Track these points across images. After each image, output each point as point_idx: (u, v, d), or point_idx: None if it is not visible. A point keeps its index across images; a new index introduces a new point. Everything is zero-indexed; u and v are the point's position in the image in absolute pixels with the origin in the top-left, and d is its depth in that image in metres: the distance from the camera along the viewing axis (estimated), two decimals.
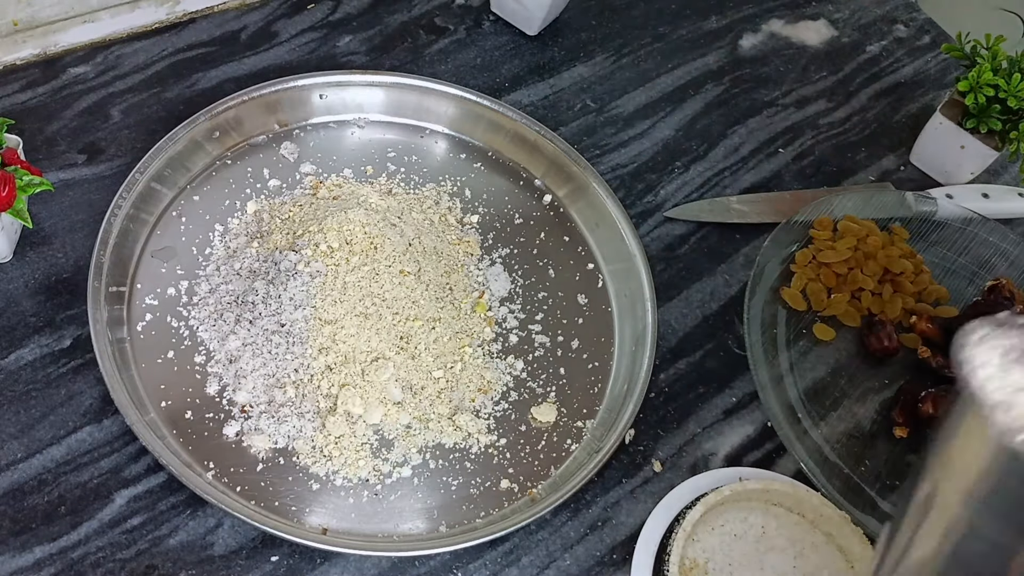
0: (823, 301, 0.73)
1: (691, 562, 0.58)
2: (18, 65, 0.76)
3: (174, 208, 0.70)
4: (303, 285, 0.62)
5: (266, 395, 0.61)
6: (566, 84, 0.85)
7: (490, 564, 0.59)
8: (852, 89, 0.92)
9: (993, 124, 0.79)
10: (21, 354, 0.62)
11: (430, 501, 0.60)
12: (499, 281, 0.71)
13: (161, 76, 0.78)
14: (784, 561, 0.59)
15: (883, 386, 0.71)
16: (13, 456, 0.58)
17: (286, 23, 0.84)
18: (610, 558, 0.60)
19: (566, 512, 0.62)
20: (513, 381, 0.66)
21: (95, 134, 0.73)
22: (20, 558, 0.55)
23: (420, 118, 0.78)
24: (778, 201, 0.80)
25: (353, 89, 0.77)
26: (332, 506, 0.59)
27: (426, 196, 0.74)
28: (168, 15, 0.82)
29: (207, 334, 0.64)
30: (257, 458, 0.60)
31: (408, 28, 0.86)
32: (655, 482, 0.64)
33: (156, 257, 0.67)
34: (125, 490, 0.58)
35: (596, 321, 0.71)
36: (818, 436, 0.67)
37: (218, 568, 0.56)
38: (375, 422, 0.62)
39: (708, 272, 0.75)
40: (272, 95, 0.74)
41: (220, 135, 0.73)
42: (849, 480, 0.65)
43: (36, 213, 0.67)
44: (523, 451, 0.63)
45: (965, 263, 0.78)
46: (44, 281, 0.65)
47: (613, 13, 0.93)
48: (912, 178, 0.86)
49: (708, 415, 0.68)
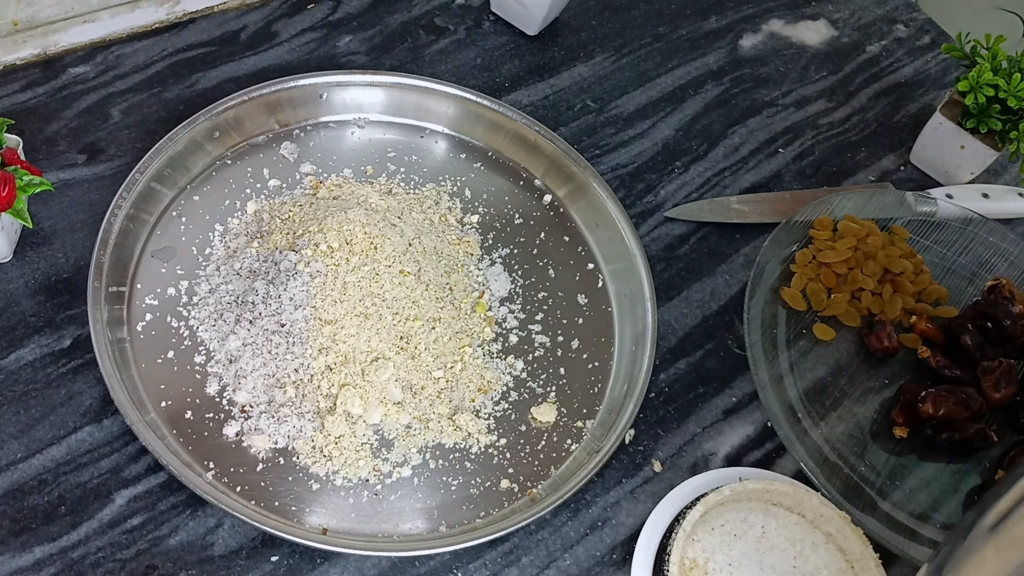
0: (823, 301, 0.73)
1: (691, 562, 0.58)
2: (18, 65, 0.76)
3: (174, 208, 0.70)
4: (303, 285, 0.62)
5: (266, 395, 0.61)
6: (566, 84, 0.85)
7: (490, 564, 0.59)
8: (852, 89, 0.92)
9: (993, 124, 0.79)
10: (21, 354, 0.62)
11: (430, 501, 0.60)
12: (499, 281, 0.71)
13: (161, 76, 0.78)
14: (784, 561, 0.59)
15: (883, 386, 0.71)
16: (13, 456, 0.58)
17: (286, 23, 0.84)
18: (610, 558, 0.60)
19: (566, 512, 0.62)
20: (513, 381, 0.66)
21: (95, 134, 0.73)
22: (20, 558, 0.55)
23: (420, 118, 0.78)
24: (778, 201, 0.80)
25: (353, 89, 0.77)
26: (332, 506, 0.59)
27: (426, 196, 0.74)
28: (168, 15, 0.82)
29: (207, 334, 0.64)
30: (257, 458, 0.60)
31: (408, 28, 0.86)
32: (655, 482, 0.64)
33: (156, 257, 0.67)
34: (125, 490, 0.58)
35: (596, 321, 0.71)
36: (818, 436, 0.67)
37: (218, 568, 0.56)
38: (375, 422, 0.62)
39: (708, 272, 0.75)
40: (272, 95, 0.74)
41: (220, 135, 0.73)
42: (849, 480, 0.65)
43: (36, 213, 0.67)
44: (523, 451, 0.63)
45: (965, 263, 0.78)
46: (44, 281, 0.65)
47: (613, 13, 0.93)
48: (912, 178, 0.86)
49: (708, 415, 0.68)
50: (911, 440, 0.68)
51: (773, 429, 0.66)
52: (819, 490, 0.62)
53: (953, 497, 0.66)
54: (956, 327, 0.71)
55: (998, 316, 0.70)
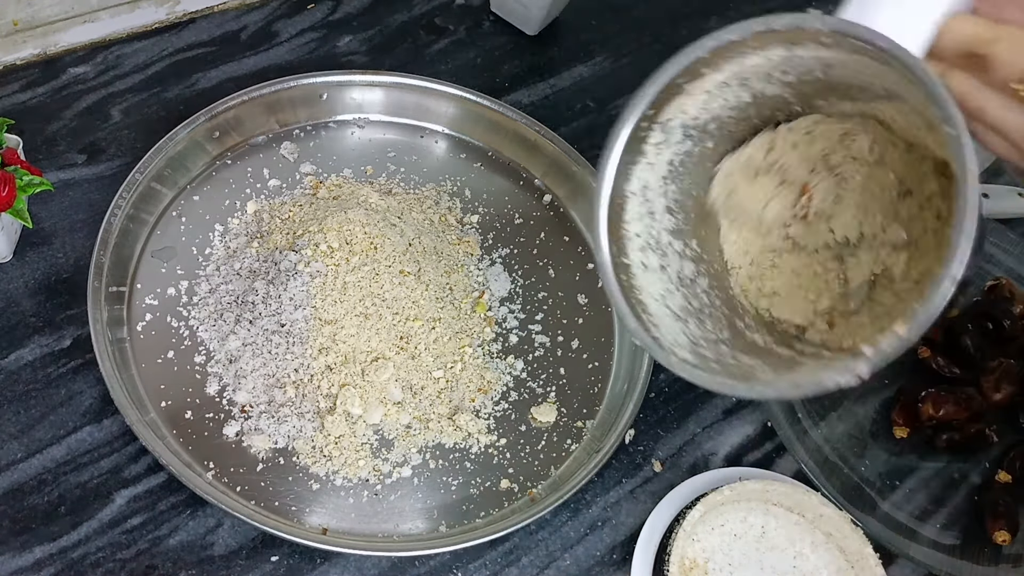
0: None
1: (691, 562, 0.58)
2: (18, 65, 0.76)
3: (174, 208, 0.70)
4: (303, 285, 0.62)
5: (266, 395, 0.61)
6: (566, 84, 0.85)
7: (490, 564, 0.59)
8: None
9: None
10: (21, 354, 0.62)
11: (430, 501, 0.60)
12: (499, 281, 0.71)
13: (161, 76, 0.78)
14: (784, 561, 0.59)
15: (883, 386, 0.71)
16: (13, 456, 0.58)
17: (286, 23, 0.84)
18: (610, 558, 0.60)
19: (566, 512, 0.62)
20: (513, 381, 0.66)
21: (95, 134, 0.73)
22: (20, 558, 0.55)
23: (420, 118, 0.78)
24: None
25: (353, 89, 0.77)
26: (332, 506, 0.59)
27: (426, 196, 0.74)
28: (168, 15, 0.82)
29: (207, 334, 0.64)
30: (257, 458, 0.60)
31: (408, 28, 0.86)
32: (655, 482, 0.64)
33: (156, 257, 0.67)
34: (125, 490, 0.58)
35: (596, 321, 0.71)
36: (818, 436, 0.67)
37: (218, 568, 0.56)
38: (375, 422, 0.62)
39: None
40: (272, 95, 0.74)
41: (220, 135, 0.73)
42: (849, 480, 0.65)
43: (36, 213, 0.67)
44: (523, 451, 0.63)
45: None
46: (44, 281, 0.65)
47: (613, 13, 0.93)
48: None
49: (708, 415, 0.68)
50: (911, 440, 0.68)
51: (773, 429, 0.66)
52: (819, 490, 0.62)
53: (953, 497, 0.66)
54: (956, 327, 0.71)
55: (998, 316, 0.70)
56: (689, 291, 0.49)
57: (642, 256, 0.48)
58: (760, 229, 0.50)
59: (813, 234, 0.49)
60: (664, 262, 0.48)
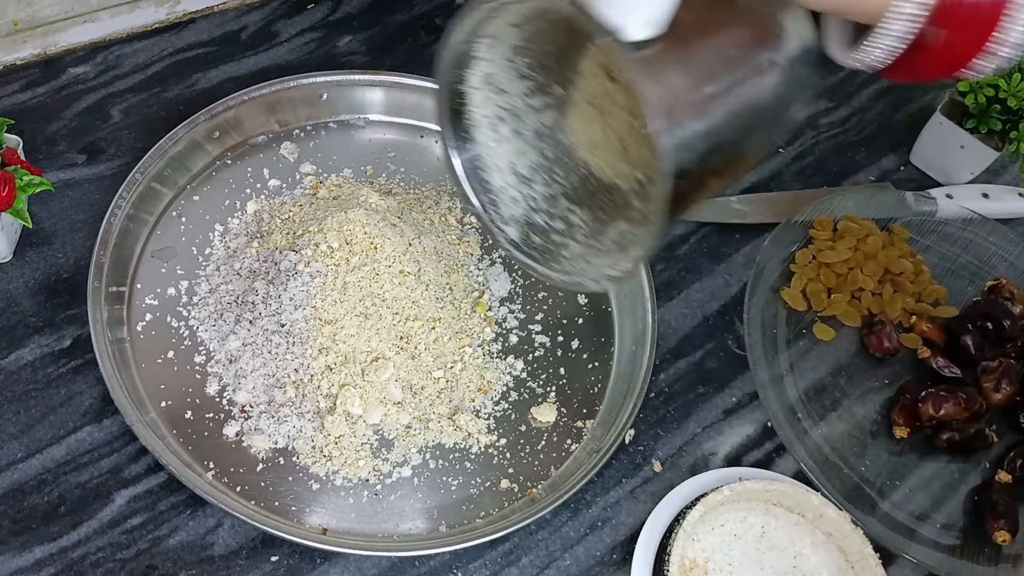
0: (823, 301, 0.73)
1: (691, 562, 0.58)
2: (18, 65, 0.76)
3: (174, 208, 0.70)
4: (303, 285, 0.62)
5: (266, 395, 0.61)
6: None
7: (490, 564, 0.59)
8: (852, 89, 0.92)
9: (993, 124, 0.79)
10: (21, 354, 0.62)
11: (430, 501, 0.60)
12: (499, 281, 0.71)
13: (161, 76, 0.78)
14: (784, 561, 0.59)
15: (883, 386, 0.71)
16: (13, 456, 0.58)
17: (286, 23, 0.84)
18: (610, 558, 0.60)
19: (566, 512, 0.62)
20: (513, 381, 0.66)
21: (95, 134, 0.73)
22: (20, 558, 0.55)
23: (420, 118, 0.78)
24: (778, 201, 0.80)
25: (353, 89, 0.77)
26: (332, 506, 0.59)
27: (426, 196, 0.74)
28: (168, 15, 0.82)
29: (207, 334, 0.64)
30: (257, 458, 0.60)
31: (408, 28, 0.86)
32: (655, 482, 0.64)
33: (156, 257, 0.67)
34: (125, 490, 0.58)
35: (596, 321, 0.71)
36: (818, 436, 0.67)
37: (218, 568, 0.56)
38: (375, 422, 0.62)
39: (708, 272, 0.75)
40: (272, 95, 0.74)
41: (220, 135, 0.73)
42: (849, 480, 0.65)
43: (36, 213, 0.67)
44: (523, 451, 0.63)
45: (965, 263, 0.78)
46: (44, 281, 0.65)
47: None
48: (912, 178, 0.86)
49: (708, 415, 0.68)
50: (911, 440, 0.68)
51: (773, 429, 0.66)
52: (819, 490, 0.62)
53: (953, 497, 0.66)
54: (956, 327, 0.71)
55: (998, 316, 0.70)
56: (548, 142, 0.50)
57: (493, 134, 0.50)
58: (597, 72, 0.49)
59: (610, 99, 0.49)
60: (519, 126, 0.50)
